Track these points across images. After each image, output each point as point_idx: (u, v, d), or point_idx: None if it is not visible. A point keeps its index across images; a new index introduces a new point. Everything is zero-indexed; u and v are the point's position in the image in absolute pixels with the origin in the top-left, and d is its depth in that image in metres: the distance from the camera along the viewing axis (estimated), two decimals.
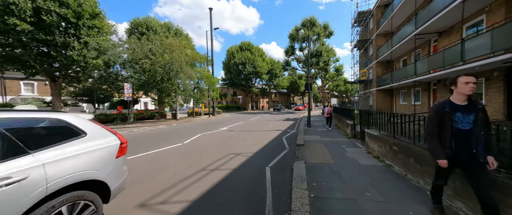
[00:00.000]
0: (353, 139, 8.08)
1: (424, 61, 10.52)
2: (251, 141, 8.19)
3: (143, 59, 14.19)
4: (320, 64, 31.88)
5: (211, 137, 9.10)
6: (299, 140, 8.07)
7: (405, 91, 15.32)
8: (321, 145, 7.12)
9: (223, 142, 7.93)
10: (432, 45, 11.95)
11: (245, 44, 41.28)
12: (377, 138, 5.36)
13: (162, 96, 19.11)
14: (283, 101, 66.53)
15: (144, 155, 6.10)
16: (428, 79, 10.86)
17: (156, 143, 7.93)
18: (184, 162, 5.32)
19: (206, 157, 5.79)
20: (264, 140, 8.55)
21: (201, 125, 14.53)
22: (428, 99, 12.14)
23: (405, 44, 13.04)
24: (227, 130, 11.39)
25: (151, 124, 15.28)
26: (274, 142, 8.13)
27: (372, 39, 19.52)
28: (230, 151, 6.55)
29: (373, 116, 6.24)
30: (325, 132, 10.04)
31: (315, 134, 9.57)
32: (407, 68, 12.28)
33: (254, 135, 9.83)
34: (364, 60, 21.83)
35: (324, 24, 33.90)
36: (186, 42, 19.65)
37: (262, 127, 12.89)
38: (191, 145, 7.49)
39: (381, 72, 18.56)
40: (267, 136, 9.44)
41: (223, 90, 54.47)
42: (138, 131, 11.67)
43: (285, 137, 9.45)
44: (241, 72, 39.33)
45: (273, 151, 6.61)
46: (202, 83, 21.82)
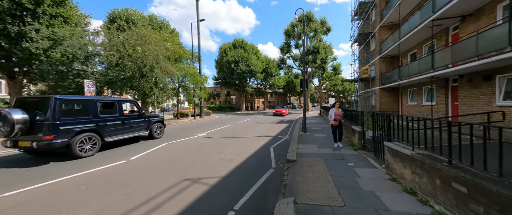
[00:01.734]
0: (362, 151, 6.06)
1: (445, 52, 8.59)
2: (227, 155, 6.11)
3: (110, 52, 11.99)
4: (318, 61, 29.96)
5: (175, 149, 6.98)
6: (290, 153, 6.02)
7: (415, 90, 13.42)
8: (320, 163, 5.07)
9: (186, 158, 5.83)
10: (450, 33, 10.04)
11: (238, 41, 39.17)
12: (411, 160, 3.33)
13: (139, 96, 16.96)
14: (279, 101, 64.59)
15: (52, 184, 3.97)
16: (448, 74, 8.94)
17: (94, 159, 5.79)
18: (97, 202, 3.21)
19: (142, 189, 3.70)
20: (245, 152, 6.48)
21: (178, 129, 12.38)
22: (446, 99, 10.23)
23: (417, 34, 11.13)
24: (204, 137, 9.28)
25: None
26: (257, 156, 6.06)
27: (374, 32, 17.62)
28: (186, 175, 4.46)
29: (397, 121, 4.23)
30: (325, 141, 8.01)
31: (311, 143, 7.53)
32: (420, 61, 10.36)
33: (235, 144, 7.75)
34: (365, 56, 19.94)
35: (322, 19, 32.01)
36: (167, 35, 17.49)
37: (249, 132, 10.82)
38: (137, 163, 5.36)
39: (385, 68, 16.67)
40: (251, 146, 7.38)
41: (216, 90, 52.28)
42: None
43: (274, 146, 7.41)
44: (234, 71, 37.20)
45: (251, 174, 4.55)
46: (187, 81, 19.66)
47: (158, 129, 8.99)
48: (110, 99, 7.29)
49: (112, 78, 12.72)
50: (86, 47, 11.89)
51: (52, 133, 5.26)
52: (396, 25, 15.67)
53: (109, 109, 7.09)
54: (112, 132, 6.87)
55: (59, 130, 5.39)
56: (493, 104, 7.49)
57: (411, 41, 12.60)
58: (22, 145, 5.28)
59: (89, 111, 6.33)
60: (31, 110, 5.31)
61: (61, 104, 5.58)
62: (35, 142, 5.10)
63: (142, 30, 13.79)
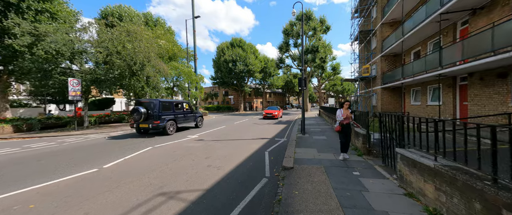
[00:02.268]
0: (368, 157, 5.40)
1: (454, 48, 7.96)
2: (215, 161, 5.43)
3: (96, 48, 11.25)
4: (317, 61, 29.33)
5: (158, 154, 6.28)
6: (287, 158, 5.35)
7: (419, 89, 12.81)
8: (321, 172, 4.41)
9: (168, 165, 5.14)
10: (459, 29, 9.42)
11: (236, 40, 38.49)
12: (435, 173, 2.67)
13: (131, 95, 16.23)
14: (278, 101, 63.96)
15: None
16: (457, 72, 8.32)
17: (66, 165, 5.10)
18: None
19: (102, 209, 3.01)
20: (237, 157, 5.80)
21: None
22: (453, 99, 9.60)
23: (422, 30, 10.50)
24: (194, 140, 8.59)
25: (110, 129, 12.35)
26: (250, 162, 5.39)
27: (376, 29, 17.01)
28: (163, 187, 3.78)
29: (407, 123, 3.57)
30: (325, 144, 7.34)
31: (310, 147, 6.86)
32: (426, 59, 9.73)
33: (227, 148, 7.07)
34: (366, 54, 19.32)
35: (321, 18, 31.40)
36: (161, 33, 16.79)
37: (244, 134, 10.15)
38: (109, 172, 4.66)
39: (386, 67, 16.05)
40: (244, 150, 6.70)
41: (214, 90, 51.58)
42: (75, 141, 8.76)
43: (269, 150, 6.74)
44: (232, 70, 36.52)
45: (241, 185, 3.88)
46: (182, 81, 18.95)
47: (200, 121, 13.17)
48: (178, 101, 11.68)
49: (100, 77, 11.98)
50: (72, 43, 11.14)
51: (158, 119, 9.46)
52: (399, 22, 15.07)
53: (178, 107, 11.26)
54: (180, 121, 11.01)
55: (161, 118, 9.59)
56: (509, 103, 6.86)
57: (415, 38, 11.98)
58: (142, 126, 9.56)
59: (170, 108, 10.53)
60: (145, 107, 9.58)
61: (161, 104, 9.88)
62: (150, 124, 9.33)
63: (132, 26, 13.07)
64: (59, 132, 10.82)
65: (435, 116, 11.02)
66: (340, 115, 5.25)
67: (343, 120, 5.21)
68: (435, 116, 11.00)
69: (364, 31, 18.03)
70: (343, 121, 5.21)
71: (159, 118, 9.45)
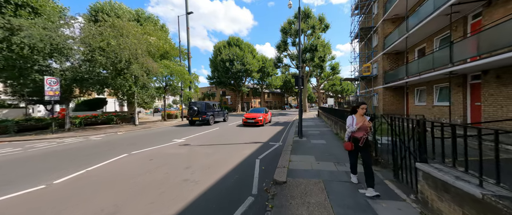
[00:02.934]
0: (375, 168, 4.57)
1: (467, 43, 7.17)
2: (195, 173, 4.59)
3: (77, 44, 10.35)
4: (316, 60, 28.57)
5: (132, 163, 5.43)
6: (280, 169, 4.53)
7: (423, 89, 12.03)
8: (319, 189, 3.58)
9: (137, 179, 4.29)
10: (470, 22, 8.64)
11: (233, 39, 37.65)
12: (486, 208, 1.84)
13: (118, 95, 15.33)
14: (277, 101, 63.19)
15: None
16: (470, 69, 7.54)
17: (10, 180, 4.24)
18: None
19: None
20: (223, 167, 4.96)
21: (156, 134, 10.83)
22: (463, 98, 8.81)
23: (428, 25, 9.72)
24: (179, 144, 7.73)
25: (94, 132, 11.47)
26: (236, 173, 4.56)
27: (377, 26, 16.23)
28: (116, 212, 2.94)
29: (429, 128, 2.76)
30: (324, 150, 6.51)
31: (308, 153, 6.03)
32: (434, 55, 8.95)
33: (214, 155, 6.23)
34: (367, 53, 18.55)
35: (320, 16, 30.65)
36: (151, 29, 15.91)
37: (237, 137, 9.31)
38: (57, 190, 3.80)
39: (388, 66, 15.28)
40: (233, 157, 5.87)
41: (211, 90, 50.69)
42: (46, 146, 7.88)
43: (261, 157, 5.91)
44: (229, 70, 35.64)
45: (219, 208, 3.04)
46: (174, 80, 18.06)
47: (227, 117, 17.50)
48: (214, 102, 16.56)
49: (83, 75, 11.09)
50: (50, 39, 10.23)
51: (204, 115, 13.99)
52: (402, 18, 14.30)
53: (215, 107, 16.10)
54: (216, 116, 15.41)
55: (206, 114, 14.05)
56: None
57: (421, 34, 11.21)
58: (194, 119, 14.30)
59: (210, 107, 15.16)
60: (197, 106, 14.34)
61: (206, 104, 14.69)
62: (201, 117, 14.00)
63: (118, 20, 12.18)
64: (34, 136, 9.92)
65: (442, 117, 10.24)
66: (352, 125, 3.52)
67: (357, 132, 3.48)
68: (442, 118, 10.23)
69: (365, 28, 17.25)
70: (357, 134, 3.48)
71: (205, 114, 14.27)
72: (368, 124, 3.48)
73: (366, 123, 3.47)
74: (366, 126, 3.46)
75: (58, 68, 11.09)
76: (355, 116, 3.59)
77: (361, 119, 3.51)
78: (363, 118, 3.51)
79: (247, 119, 13.53)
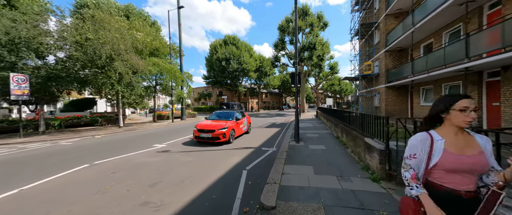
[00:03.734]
0: (389, 186, 3.61)
1: (485, 34, 6.27)
2: (161, 192, 3.60)
3: (47, 38, 9.27)
4: (314, 58, 27.65)
5: (86, 178, 4.42)
6: (269, 187, 3.56)
7: (430, 88, 11.15)
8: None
9: (75, 206, 3.29)
10: (486, 13, 7.76)
11: (229, 38, 36.68)
12: None
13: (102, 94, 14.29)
14: (275, 101, 62.31)
15: None
16: (486, 65, 6.65)
17: None
18: None
19: None
20: (199, 182, 3.99)
21: (138, 137, 9.82)
22: (479, 98, 7.92)
23: (438, 17, 8.84)
24: (158, 151, 6.71)
25: (71, 135, 10.41)
26: (213, 193, 3.58)
27: (379, 22, 15.35)
28: None
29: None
30: (324, 159, 5.55)
31: (305, 163, 5.07)
32: (446, 50, 8.05)
33: (193, 164, 5.25)
34: (367, 50, 17.66)
35: (318, 14, 29.81)
36: (138, 24, 14.87)
37: None
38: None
39: (391, 63, 14.40)
40: (215, 168, 4.89)
41: (207, 90, 49.64)
42: (5, 153, 6.84)
43: (250, 168, 4.96)
44: (225, 69, 34.65)
45: None
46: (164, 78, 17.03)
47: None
48: (237, 103, 25.44)
49: (58, 73, 10.03)
50: (18, 32, 9.15)
51: None
52: (405, 13, 13.44)
53: (237, 107, 22.12)
54: None
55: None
56: None
57: (428, 28, 10.32)
58: None
59: (235, 107, 21.64)
60: (226, 105, 22.44)
61: (232, 104, 23.05)
62: None
63: (98, 12, 11.15)
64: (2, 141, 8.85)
65: None
66: (429, 158, 1.29)
67: (453, 178, 1.24)
68: None
69: (366, 24, 16.36)
70: (452, 182, 1.24)
71: None
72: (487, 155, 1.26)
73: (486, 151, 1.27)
74: (482, 165, 1.22)
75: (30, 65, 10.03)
76: (440, 131, 1.34)
77: (464, 139, 1.29)
78: (470, 138, 1.30)
79: (199, 133, 7.62)
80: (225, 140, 7.44)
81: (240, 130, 9.20)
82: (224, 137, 7.40)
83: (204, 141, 7.58)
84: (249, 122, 10.85)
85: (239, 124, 9.08)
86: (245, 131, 10.12)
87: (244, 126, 9.78)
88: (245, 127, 10.04)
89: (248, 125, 10.65)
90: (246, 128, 10.21)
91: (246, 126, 10.12)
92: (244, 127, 9.84)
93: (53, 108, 28.58)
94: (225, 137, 7.42)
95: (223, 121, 8.39)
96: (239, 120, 9.26)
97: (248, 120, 10.68)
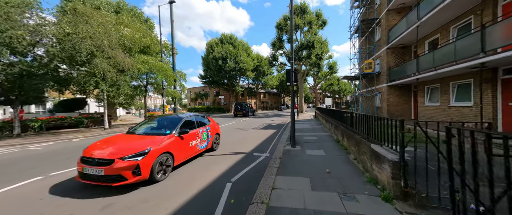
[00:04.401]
0: (407, 207, 2.84)
1: (506, 26, 5.54)
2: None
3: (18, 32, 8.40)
4: (313, 57, 26.92)
5: (31, 196, 3.62)
6: (253, 209, 2.78)
7: (436, 87, 10.43)
8: None
9: None
10: (500, 4, 7.03)
11: (226, 37, 35.86)
12: None
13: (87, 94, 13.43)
14: (273, 101, 61.56)
15: None
16: (504, 60, 5.92)
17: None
18: None
19: None
20: (168, 201, 3.19)
21: None
22: (493, 97, 7.19)
23: (446, 9, 8.13)
24: None
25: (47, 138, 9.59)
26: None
27: (380, 17, 14.64)
28: None
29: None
30: (323, 168, 4.77)
31: (300, 174, 4.28)
32: (456, 45, 7.33)
33: (169, 176, 4.45)
34: (368, 48, 16.96)
35: (317, 12, 29.13)
36: (127, 19, 14.02)
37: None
38: None
39: (393, 61, 13.68)
40: (194, 179, 4.10)
41: (204, 90, 48.77)
42: None
43: (235, 180, 4.19)
44: (222, 68, 33.79)
45: None
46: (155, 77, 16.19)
47: (254, 113, 30.06)
48: (248, 103, 29.20)
49: (33, 70, 9.18)
50: None
51: (247, 111, 26.32)
52: (408, 8, 12.78)
53: (248, 106, 27.89)
54: (250, 113, 28.03)
55: (246, 110, 26.21)
56: None
57: (434, 23, 9.61)
58: (238, 113, 26.24)
59: (249, 106, 28.23)
60: (240, 105, 26.53)
61: (246, 104, 27.34)
62: (243, 113, 25.91)
63: (80, 5, 10.30)
64: None
65: (461, 120, 8.63)
66: None
67: None
68: (461, 120, 8.61)
69: (367, 20, 15.64)
70: None
71: (244, 110, 25.69)
72: None
73: None
74: None
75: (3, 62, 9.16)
76: None
77: None
78: None
79: (83, 165, 3.68)
80: (139, 179, 3.68)
81: (191, 150, 5.28)
82: (136, 175, 3.66)
83: (93, 183, 3.63)
84: (215, 132, 6.75)
85: (189, 138, 5.19)
86: (206, 148, 6.12)
87: (202, 140, 5.80)
88: (206, 142, 6.05)
89: (214, 138, 6.59)
90: (209, 143, 6.26)
91: (208, 140, 6.16)
92: (202, 143, 5.83)
93: (43, 109, 27.68)
94: (138, 174, 3.66)
95: (153, 136, 4.54)
96: (191, 132, 5.32)
97: (214, 129, 6.71)
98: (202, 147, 5.85)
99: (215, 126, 6.90)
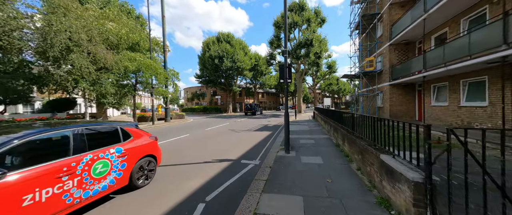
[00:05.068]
0: None
1: None
2: None
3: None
4: (311, 56, 26.11)
5: None
6: None
7: (444, 85, 9.61)
8: None
9: None
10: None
11: (223, 35, 34.97)
12: None
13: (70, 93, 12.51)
14: (271, 101, 60.72)
15: None
16: None
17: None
18: None
19: None
20: None
21: None
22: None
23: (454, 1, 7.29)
24: None
25: None
26: None
27: (382, 12, 13.82)
28: None
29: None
30: (321, 180, 3.91)
31: (292, 192, 3.40)
32: (471, 37, 6.51)
33: (131, 195, 3.59)
34: (369, 45, 16.14)
35: (315, 9, 28.30)
36: (112, 13, 13.12)
37: (202, 150, 6.72)
38: None
39: (396, 59, 12.87)
40: (153, 204, 3.24)
41: (201, 90, 47.83)
42: None
43: (211, 199, 3.33)
44: (219, 67, 32.90)
45: None
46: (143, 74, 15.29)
47: (261, 112, 36.81)
48: (257, 103, 34.23)
49: (0, 67, 8.28)
50: None
51: (255, 110, 29.77)
52: (413, 1, 11.95)
53: (257, 106, 32.32)
54: (258, 112, 32.22)
55: (255, 109, 29.73)
56: None
57: (442, 15, 8.81)
58: (248, 112, 29.91)
59: (258, 106, 32.43)
60: (250, 105, 30.49)
61: (255, 104, 31.88)
62: (252, 112, 29.41)
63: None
64: None
65: (474, 122, 7.81)
66: None
67: None
68: (474, 123, 7.80)
69: (368, 16, 14.82)
70: None
71: (254, 109, 29.48)
72: None
73: None
74: None
75: None
76: None
77: None
78: None
79: None
80: None
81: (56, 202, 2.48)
82: None
83: None
84: (142, 154, 3.85)
85: (25, 188, 2.22)
86: (113, 189, 3.23)
87: (92, 179, 2.90)
88: (108, 178, 3.14)
89: (136, 166, 3.69)
90: (122, 177, 3.40)
91: (114, 173, 3.25)
92: (91, 185, 2.87)
93: (32, 109, 26.70)
94: None
95: None
96: (35, 171, 2.33)
97: (139, 149, 3.82)
98: (92, 194, 2.89)
99: (144, 144, 3.97)
